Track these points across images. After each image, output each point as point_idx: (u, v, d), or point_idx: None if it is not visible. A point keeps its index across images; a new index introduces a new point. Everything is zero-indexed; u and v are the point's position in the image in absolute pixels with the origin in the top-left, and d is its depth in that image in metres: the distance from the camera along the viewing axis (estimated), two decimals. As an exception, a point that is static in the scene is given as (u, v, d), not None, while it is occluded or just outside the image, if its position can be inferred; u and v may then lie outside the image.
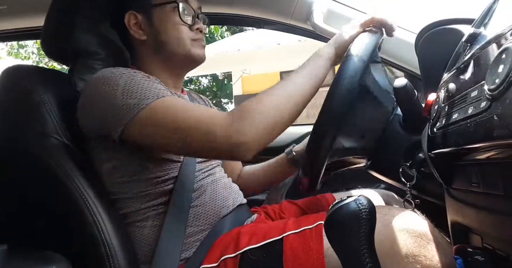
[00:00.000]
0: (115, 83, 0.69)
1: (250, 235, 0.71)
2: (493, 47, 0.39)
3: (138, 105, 0.66)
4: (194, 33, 0.85)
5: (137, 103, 0.66)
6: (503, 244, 0.41)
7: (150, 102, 0.67)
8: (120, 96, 0.67)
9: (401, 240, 0.60)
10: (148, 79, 0.73)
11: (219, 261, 0.69)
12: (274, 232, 0.70)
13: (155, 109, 0.67)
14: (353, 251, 0.44)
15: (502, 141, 0.32)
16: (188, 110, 0.68)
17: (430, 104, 0.59)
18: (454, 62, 0.57)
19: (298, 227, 0.69)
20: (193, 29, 0.85)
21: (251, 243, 0.69)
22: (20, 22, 1.25)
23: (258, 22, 1.26)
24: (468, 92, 0.41)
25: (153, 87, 0.70)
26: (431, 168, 0.56)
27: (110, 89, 0.69)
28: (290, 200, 1.07)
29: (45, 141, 0.66)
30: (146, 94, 0.67)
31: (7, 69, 0.74)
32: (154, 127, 0.67)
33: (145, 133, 0.68)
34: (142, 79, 0.71)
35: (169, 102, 0.69)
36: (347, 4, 1.14)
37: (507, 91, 0.32)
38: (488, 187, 0.40)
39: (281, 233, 0.69)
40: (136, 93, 0.67)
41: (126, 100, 0.67)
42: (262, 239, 0.69)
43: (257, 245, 0.69)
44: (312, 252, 0.64)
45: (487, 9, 0.53)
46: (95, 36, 0.85)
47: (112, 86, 0.69)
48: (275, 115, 0.68)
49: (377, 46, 0.70)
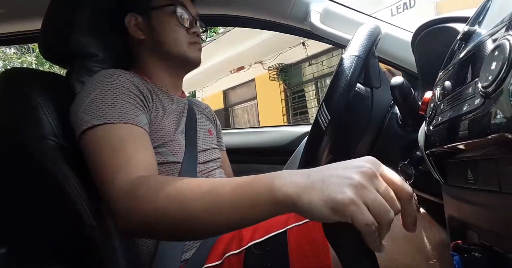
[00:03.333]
0: (88, 92, 0.70)
1: (252, 231, 0.72)
2: (486, 45, 0.40)
3: (87, 123, 0.66)
4: (190, 36, 0.87)
5: (88, 121, 0.66)
6: (500, 240, 0.41)
7: (95, 124, 0.65)
8: (83, 108, 0.68)
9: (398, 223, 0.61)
10: (124, 94, 0.71)
11: (223, 258, 0.69)
12: (277, 225, 0.70)
13: (96, 132, 0.65)
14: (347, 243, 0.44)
15: (496, 137, 0.32)
16: (117, 150, 0.63)
17: (426, 102, 0.59)
18: (449, 60, 0.57)
19: (300, 219, 0.70)
20: (190, 32, 0.87)
21: (254, 238, 0.69)
22: (18, 25, 1.25)
23: (255, 23, 1.26)
24: (463, 89, 0.41)
25: (115, 108, 0.68)
26: (428, 166, 0.56)
27: (83, 97, 0.70)
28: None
29: (43, 143, 0.67)
30: (101, 114, 0.66)
31: (5, 72, 0.74)
32: (86, 148, 0.66)
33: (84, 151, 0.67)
34: (115, 95, 0.70)
35: (112, 131, 0.65)
36: (344, 4, 1.15)
37: (500, 88, 0.32)
38: (484, 183, 0.41)
39: (284, 226, 0.69)
40: (95, 110, 0.67)
41: (83, 114, 0.67)
42: (265, 233, 0.69)
43: (261, 239, 0.69)
44: (317, 243, 0.64)
45: (481, 7, 0.54)
46: (93, 38, 0.86)
47: (85, 96, 0.70)
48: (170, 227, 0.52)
49: (375, 44, 0.70)
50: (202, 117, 0.99)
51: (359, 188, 0.40)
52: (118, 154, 0.63)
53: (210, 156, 0.91)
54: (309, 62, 6.84)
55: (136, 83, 0.76)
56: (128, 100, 0.71)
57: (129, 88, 0.73)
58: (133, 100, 0.72)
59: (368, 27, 0.69)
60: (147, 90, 0.78)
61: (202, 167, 0.85)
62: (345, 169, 0.43)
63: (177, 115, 0.86)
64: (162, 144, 0.78)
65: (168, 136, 0.79)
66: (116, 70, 0.77)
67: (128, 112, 0.69)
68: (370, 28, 0.68)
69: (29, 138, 0.67)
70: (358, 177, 0.41)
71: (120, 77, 0.74)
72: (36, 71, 0.78)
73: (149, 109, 0.77)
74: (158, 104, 0.81)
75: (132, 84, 0.74)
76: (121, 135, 0.65)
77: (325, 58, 6.61)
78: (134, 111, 0.70)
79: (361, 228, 0.40)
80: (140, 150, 0.65)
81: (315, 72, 6.85)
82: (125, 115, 0.68)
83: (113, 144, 0.64)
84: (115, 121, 0.66)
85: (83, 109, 0.68)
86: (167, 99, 0.85)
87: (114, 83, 0.72)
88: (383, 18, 1.17)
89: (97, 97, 0.69)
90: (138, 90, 0.75)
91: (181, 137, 0.83)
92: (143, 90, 0.76)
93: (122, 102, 0.69)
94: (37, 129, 0.67)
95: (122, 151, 0.63)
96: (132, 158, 0.62)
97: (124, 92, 0.71)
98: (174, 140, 0.80)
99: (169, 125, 0.81)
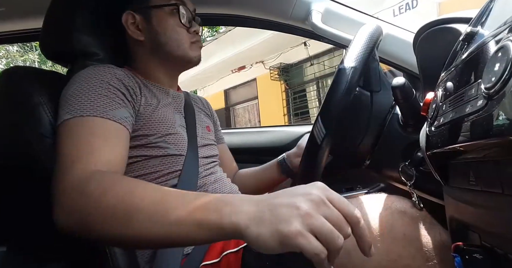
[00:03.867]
0: (67, 88, 0.70)
1: None
2: (489, 46, 0.39)
3: (60, 119, 0.66)
4: (192, 36, 0.86)
5: (61, 116, 0.66)
6: (501, 242, 0.41)
7: (66, 119, 0.65)
8: (61, 103, 0.68)
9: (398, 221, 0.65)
10: (101, 88, 0.69)
11: (221, 257, 0.69)
12: None
13: (66, 125, 0.64)
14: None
15: (498, 139, 0.32)
16: (80, 143, 0.61)
17: (428, 103, 0.59)
18: (451, 61, 0.57)
19: None
20: (191, 31, 0.86)
21: None
22: (19, 24, 1.25)
23: (256, 22, 1.26)
24: (465, 90, 0.41)
25: (90, 102, 0.66)
26: (430, 167, 0.56)
27: (63, 92, 0.70)
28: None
29: (43, 142, 0.67)
30: (73, 108, 0.65)
31: (6, 71, 0.74)
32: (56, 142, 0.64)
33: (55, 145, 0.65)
34: (92, 88, 0.69)
35: (81, 124, 0.64)
36: (345, 4, 1.15)
37: (503, 90, 0.32)
38: (485, 185, 0.40)
39: None
40: (70, 105, 0.66)
41: (60, 110, 0.67)
42: None
43: None
44: None
45: (484, 8, 0.53)
46: (94, 37, 0.85)
47: (65, 91, 0.70)
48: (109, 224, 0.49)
49: (376, 46, 0.70)
50: (200, 113, 0.99)
51: (306, 217, 0.41)
52: (81, 146, 0.60)
53: (209, 151, 0.91)
54: (311, 62, 6.83)
55: (119, 77, 0.74)
56: (105, 94, 0.69)
57: (108, 82, 0.71)
58: (111, 94, 0.70)
59: (367, 32, 0.67)
60: (133, 83, 0.76)
61: (203, 161, 0.85)
62: (293, 197, 0.43)
63: (174, 109, 0.85)
64: (161, 137, 0.77)
65: (167, 129, 0.78)
66: (102, 65, 0.76)
67: (102, 106, 0.67)
68: (369, 33, 0.67)
69: (29, 136, 0.67)
70: (305, 206, 0.41)
71: (101, 71, 0.73)
72: (37, 70, 0.78)
73: (135, 101, 0.75)
74: (149, 96, 0.79)
75: (114, 78, 0.73)
76: (90, 129, 0.63)
77: (327, 58, 6.61)
78: (110, 105, 0.68)
79: (311, 258, 0.40)
80: (107, 145, 0.62)
81: (316, 72, 6.85)
82: (98, 109, 0.66)
83: (79, 137, 0.62)
84: (85, 115, 0.64)
85: (61, 105, 0.68)
86: (161, 93, 0.84)
87: (93, 78, 0.70)
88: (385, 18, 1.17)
89: (73, 92, 0.68)
90: (120, 83, 0.73)
91: (181, 130, 0.82)
92: (127, 83, 0.74)
93: (98, 96, 0.67)
94: (37, 127, 0.67)
95: (86, 143, 0.61)
96: (95, 152, 0.60)
97: (102, 86, 0.69)
98: (174, 133, 0.79)
99: (166, 117, 0.80)
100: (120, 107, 0.70)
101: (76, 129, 0.63)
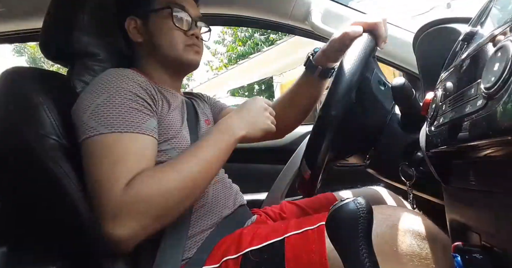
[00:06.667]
0: (95, 97, 0.70)
1: (252, 236, 0.71)
2: (489, 46, 0.40)
3: (94, 130, 0.67)
4: (188, 38, 0.86)
5: (95, 128, 0.67)
6: (501, 241, 0.41)
7: (103, 132, 0.66)
8: (89, 113, 0.68)
9: (406, 241, 0.59)
10: (131, 100, 0.71)
11: (221, 262, 0.69)
12: (276, 233, 0.70)
13: (102, 140, 0.66)
14: (353, 250, 0.44)
15: (498, 138, 0.32)
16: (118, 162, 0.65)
17: (428, 103, 0.59)
18: (451, 61, 0.57)
19: (299, 227, 0.69)
20: (188, 34, 0.87)
21: (252, 244, 0.69)
22: (19, 24, 1.26)
23: (256, 22, 1.27)
24: (465, 90, 0.41)
25: (123, 116, 0.69)
26: (429, 167, 0.56)
27: (87, 102, 0.70)
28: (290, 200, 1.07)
29: (44, 142, 0.67)
30: (108, 122, 0.67)
31: (6, 72, 0.74)
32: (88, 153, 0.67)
33: (85, 156, 0.67)
34: (122, 101, 0.70)
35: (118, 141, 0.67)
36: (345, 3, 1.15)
37: (503, 90, 0.32)
38: (485, 185, 0.41)
39: (283, 234, 0.69)
40: (102, 117, 0.67)
41: (89, 119, 0.68)
42: (264, 240, 0.69)
43: (259, 246, 0.69)
44: (314, 253, 0.64)
45: (483, 8, 0.53)
46: (94, 37, 0.86)
47: (91, 99, 0.70)
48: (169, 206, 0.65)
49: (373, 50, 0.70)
50: (200, 108, 0.99)
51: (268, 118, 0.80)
52: (119, 165, 0.65)
53: None
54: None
55: (142, 85, 0.75)
56: (135, 107, 0.71)
57: (136, 93, 0.72)
58: (140, 106, 0.72)
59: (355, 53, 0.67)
60: (152, 90, 0.78)
61: None
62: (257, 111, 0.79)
63: (179, 111, 0.86)
64: (166, 140, 0.77)
65: (173, 132, 0.78)
66: (121, 70, 0.77)
67: (135, 120, 0.69)
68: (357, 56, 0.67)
69: (30, 136, 0.67)
70: (265, 113, 0.80)
71: (126, 79, 0.74)
72: (37, 70, 0.78)
73: (157, 108, 0.77)
74: (164, 100, 0.81)
75: (139, 87, 0.74)
76: (126, 146, 0.67)
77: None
78: (141, 117, 0.70)
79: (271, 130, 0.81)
80: (142, 161, 0.67)
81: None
82: (132, 124, 0.68)
83: (117, 155, 0.66)
84: (123, 131, 0.67)
85: (88, 114, 0.68)
86: (171, 96, 0.85)
87: (120, 88, 0.71)
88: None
89: (104, 103, 0.69)
90: (145, 93, 0.74)
91: (185, 131, 0.83)
92: (149, 91, 0.76)
93: (130, 110, 0.69)
94: (38, 128, 0.67)
95: (123, 162, 0.65)
96: (133, 171, 0.65)
97: (131, 98, 0.71)
98: (178, 136, 0.79)
99: (174, 120, 0.81)
100: (150, 118, 0.72)
101: (114, 146, 0.66)
